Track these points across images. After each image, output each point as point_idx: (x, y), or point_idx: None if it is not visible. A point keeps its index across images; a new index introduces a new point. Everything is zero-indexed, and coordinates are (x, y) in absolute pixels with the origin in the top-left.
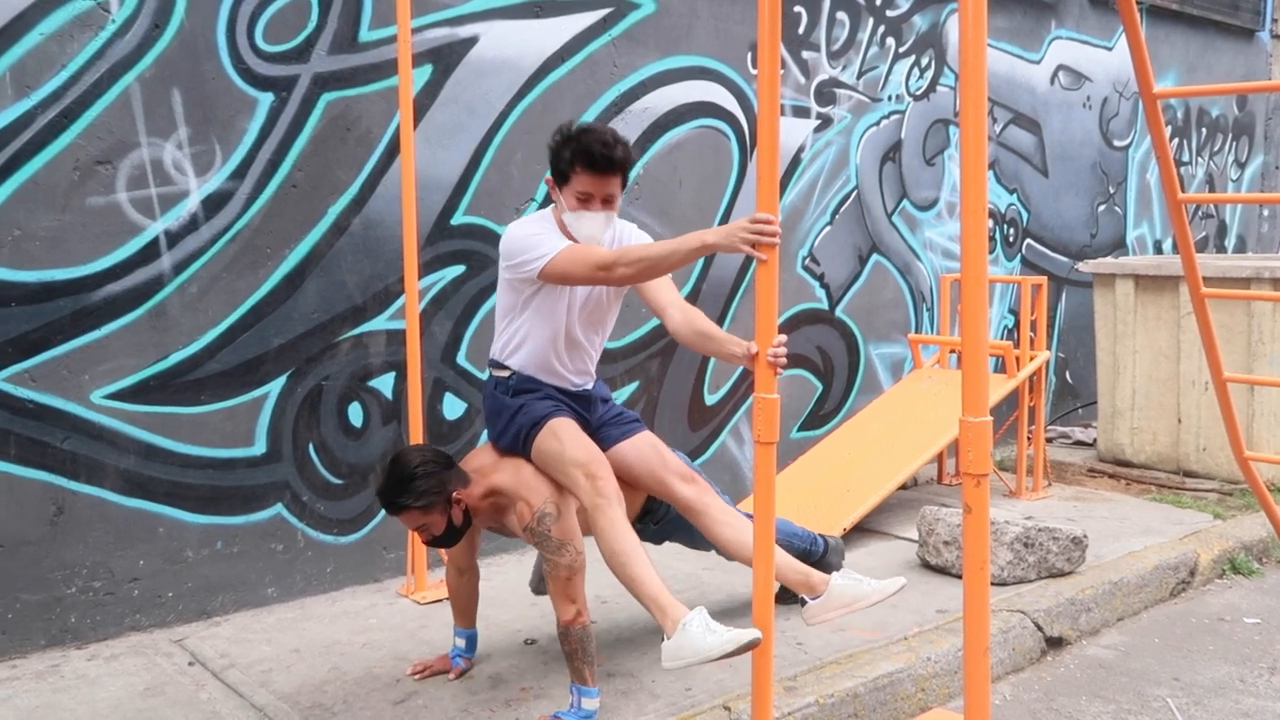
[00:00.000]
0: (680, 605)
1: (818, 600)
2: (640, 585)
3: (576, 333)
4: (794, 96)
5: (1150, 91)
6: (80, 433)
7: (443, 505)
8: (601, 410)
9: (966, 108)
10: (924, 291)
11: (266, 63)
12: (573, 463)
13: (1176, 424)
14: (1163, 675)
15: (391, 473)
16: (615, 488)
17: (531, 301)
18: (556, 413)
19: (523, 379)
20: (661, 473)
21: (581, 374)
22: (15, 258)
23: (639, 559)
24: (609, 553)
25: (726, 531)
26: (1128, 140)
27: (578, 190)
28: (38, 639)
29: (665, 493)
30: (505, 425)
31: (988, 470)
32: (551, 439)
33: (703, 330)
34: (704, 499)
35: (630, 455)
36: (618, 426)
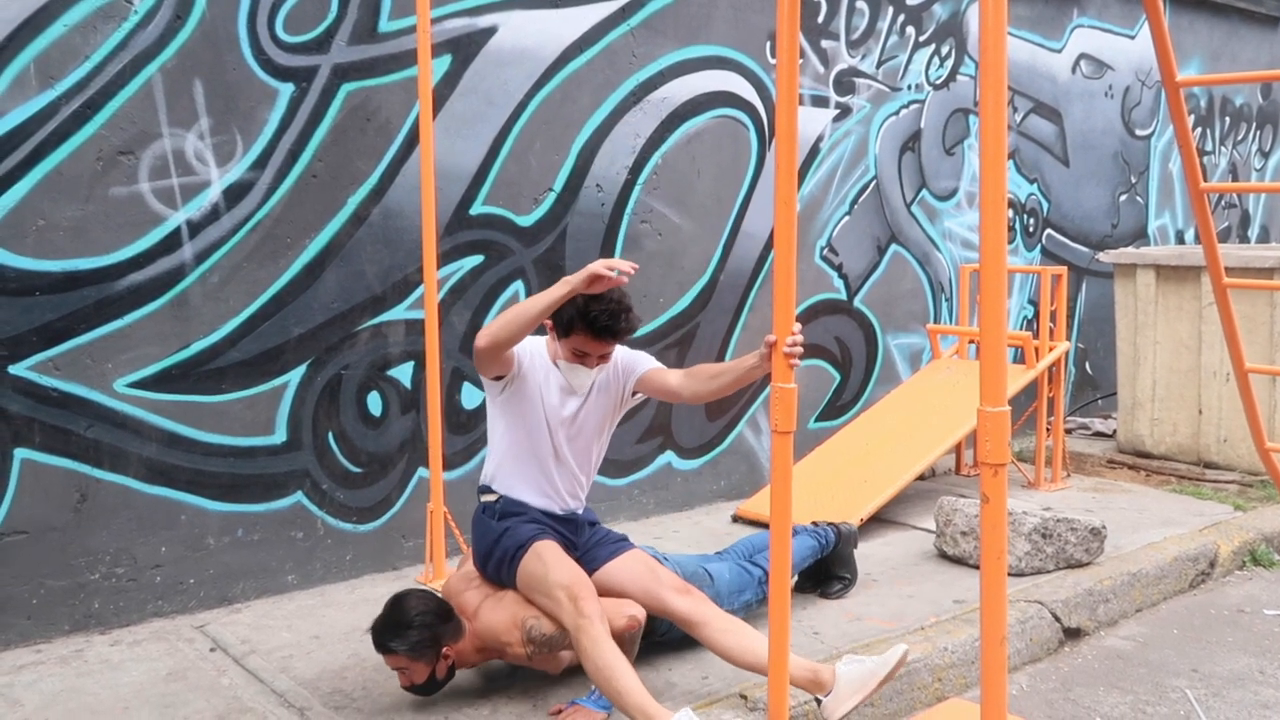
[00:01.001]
0: (665, 712)
1: (830, 696)
2: (625, 698)
3: (560, 447)
4: (813, 86)
5: (1173, 80)
6: (103, 421)
7: (431, 657)
8: (589, 533)
9: (986, 97)
10: (943, 282)
11: (287, 53)
12: (556, 584)
13: (1197, 415)
14: (1181, 666)
15: (389, 614)
16: (598, 608)
17: (506, 409)
18: (541, 535)
19: (509, 502)
20: (655, 588)
21: (570, 496)
22: (39, 247)
23: (623, 672)
24: (593, 669)
25: (729, 639)
26: (1150, 129)
27: (575, 348)
28: (62, 624)
29: (660, 607)
30: (490, 548)
31: (1005, 460)
32: (536, 561)
33: (711, 374)
34: (701, 610)
35: (622, 574)
36: (605, 547)
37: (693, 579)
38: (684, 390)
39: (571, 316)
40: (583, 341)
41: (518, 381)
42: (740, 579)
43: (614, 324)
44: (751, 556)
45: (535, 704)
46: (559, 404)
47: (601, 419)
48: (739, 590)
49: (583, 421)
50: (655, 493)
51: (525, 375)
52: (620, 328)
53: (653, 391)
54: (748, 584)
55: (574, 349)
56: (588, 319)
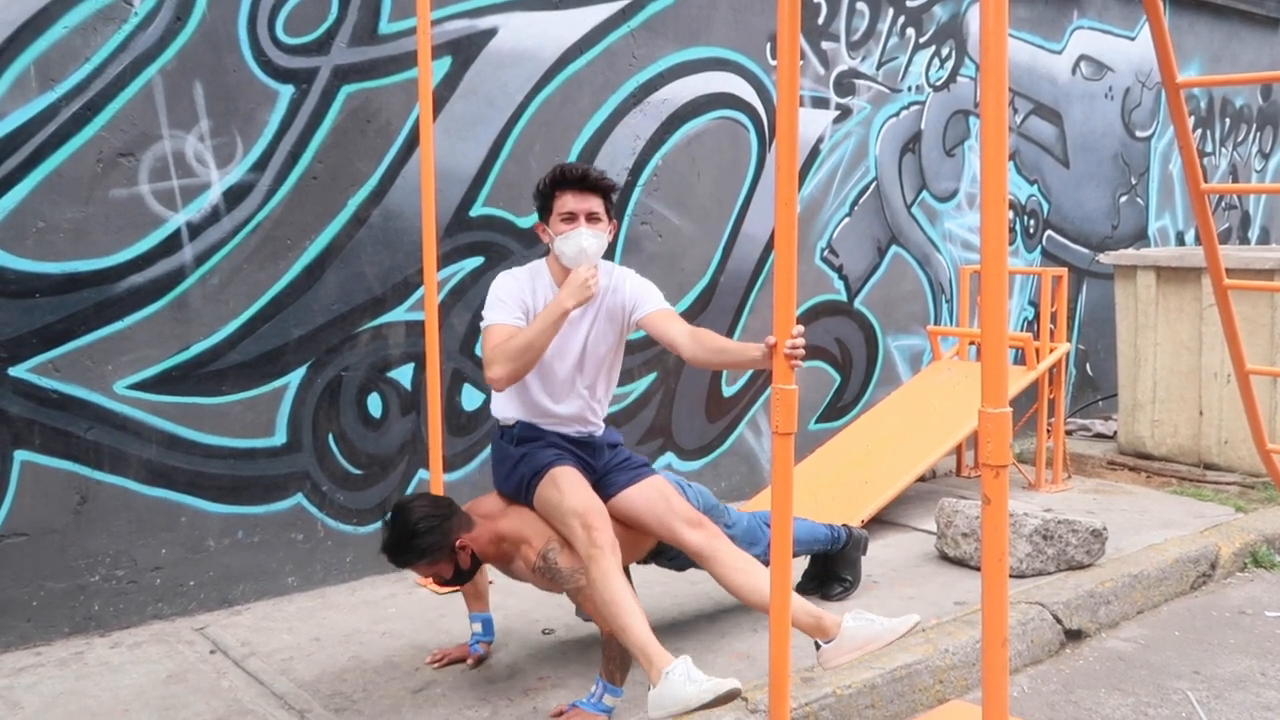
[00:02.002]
0: (666, 654)
1: (831, 644)
2: (629, 634)
3: (577, 386)
4: (813, 87)
5: (1173, 81)
6: (103, 423)
7: (448, 555)
8: (609, 456)
9: (987, 98)
10: (943, 283)
11: (287, 55)
12: (571, 512)
13: (1198, 416)
14: (1183, 668)
15: (393, 529)
16: (611, 538)
17: None
18: (558, 461)
19: (525, 427)
20: (669, 519)
21: (583, 423)
22: (39, 249)
23: (629, 608)
24: (599, 601)
25: (738, 577)
26: (1150, 131)
27: (560, 212)
28: (62, 626)
29: (673, 538)
30: (508, 473)
31: (1007, 462)
32: (551, 488)
33: (716, 347)
34: (713, 544)
35: (637, 501)
36: (625, 472)
37: (712, 511)
38: (684, 349)
39: (548, 189)
40: (564, 201)
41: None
42: (754, 532)
43: (585, 170)
44: (767, 520)
45: (536, 707)
46: (568, 331)
47: (609, 344)
48: (751, 542)
49: (591, 346)
50: None
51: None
52: (592, 174)
53: (655, 333)
54: (760, 539)
55: (560, 215)
56: (561, 176)
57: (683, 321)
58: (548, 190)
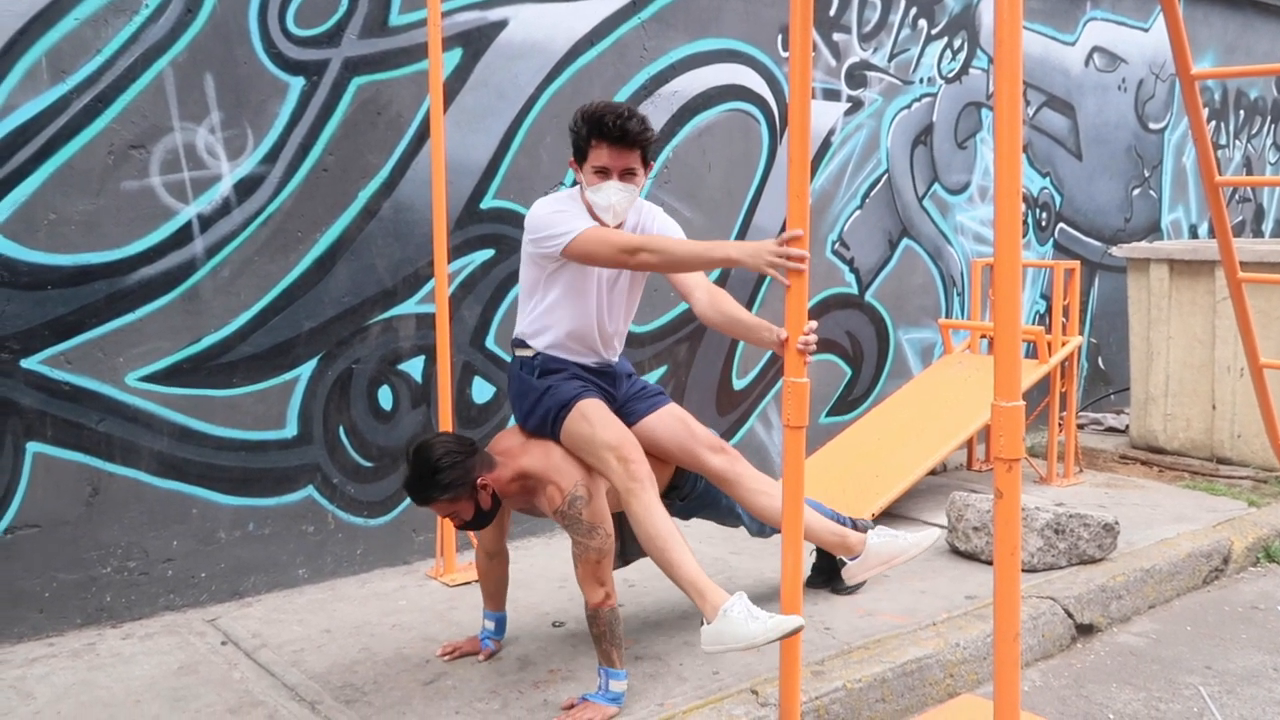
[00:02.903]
0: (720, 590)
1: (856, 560)
2: (678, 569)
3: (604, 315)
4: (825, 79)
5: (1188, 73)
6: (115, 414)
7: (469, 492)
8: (626, 385)
9: (1001, 90)
10: (954, 276)
11: (298, 47)
12: (604, 445)
13: (1211, 410)
14: (1195, 663)
15: (415, 465)
16: (648, 470)
17: (557, 278)
18: (585, 393)
19: (548, 359)
20: (691, 444)
21: (607, 350)
22: (51, 241)
23: (676, 543)
24: (645, 536)
25: (762, 500)
26: (1163, 123)
27: (595, 165)
28: (74, 617)
29: (696, 464)
30: (532, 407)
31: (1019, 455)
32: (581, 421)
33: (730, 314)
34: (736, 468)
35: (658, 429)
36: (643, 400)
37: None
38: (698, 303)
39: (584, 134)
40: (600, 154)
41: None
42: None
43: (625, 124)
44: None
45: (546, 699)
46: (601, 279)
47: (633, 280)
48: None
49: (618, 279)
50: None
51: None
52: (632, 128)
53: (675, 280)
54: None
55: (594, 168)
56: (599, 124)
57: (703, 274)
58: (584, 134)
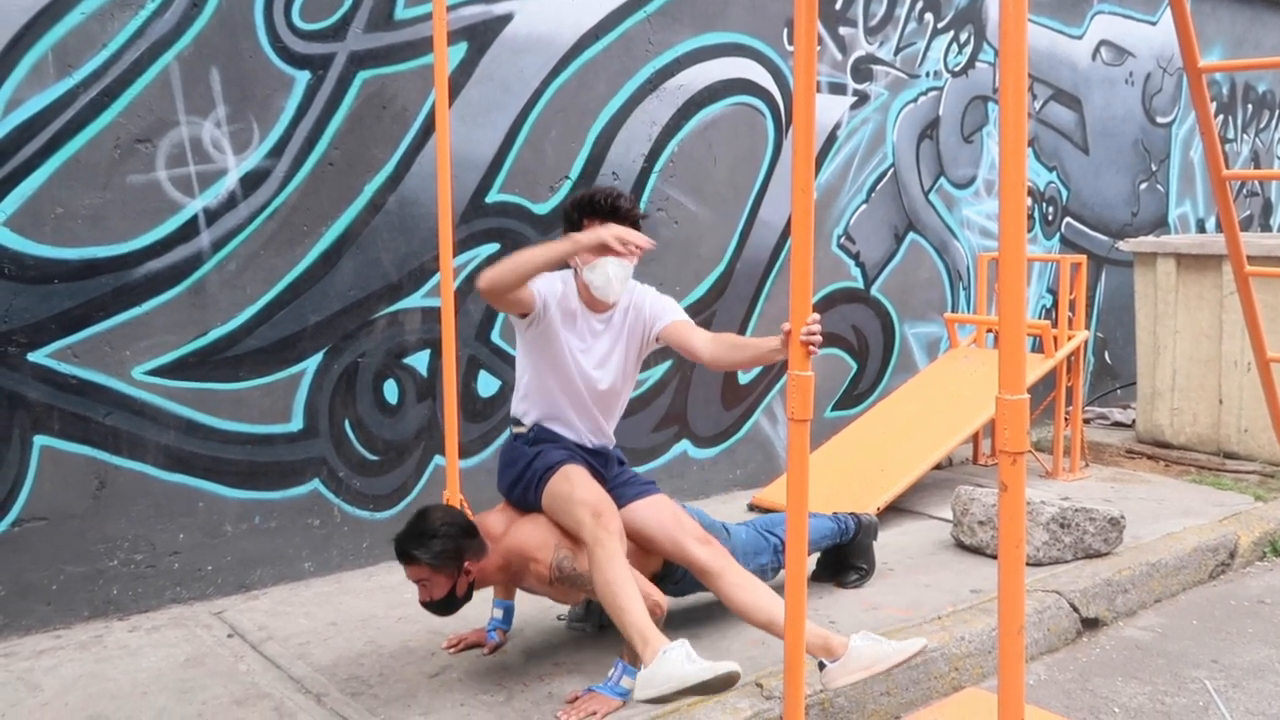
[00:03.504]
0: (661, 637)
1: (837, 663)
2: (626, 615)
3: (587, 385)
4: (830, 73)
5: (1195, 66)
6: (122, 408)
7: (452, 570)
8: (617, 471)
9: (1006, 84)
10: (960, 270)
11: (303, 41)
12: (580, 502)
13: (1218, 405)
14: (1201, 657)
15: (413, 524)
16: (619, 527)
17: (531, 347)
18: (571, 460)
19: (542, 430)
20: (677, 534)
21: (597, 434)
22: (58, 235)
23: (628, 591)
24: (600, 581)
25: (744, 595)
26: (1171, 117)
27: None
28: (81, 610)
29: (681, 554)
30: (520, 473)
31: (1024, 448)
32: (563, 481)
33: (737, 344)
34: (720, 562)
35: (646, 516)
36: (632, 487)
37: (709, 529)
38: (705, 353)
39: (576, 216)
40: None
41: (544, 321)
42: (757, 543)
43: (616, 202)
44: (769, 528)
45: (551, 692)
46: (586, 344)
47: (629, 359)
48: (755, 552)
49: (614, 361)
50: (671, 481)
51: (550, 314)
52: (623, 205)
53: (676, 344)
54: (764, 549)
55: None
56: (591, 204)
57: (701, 330)
58: (575, 216)
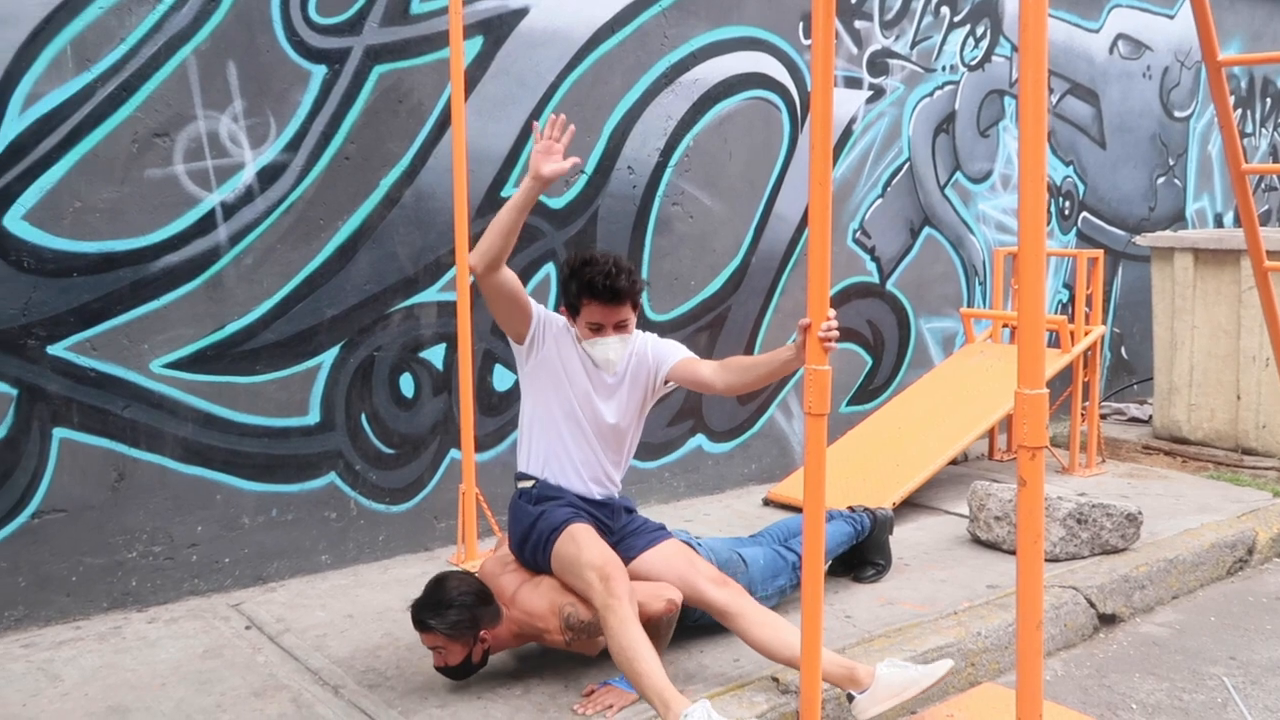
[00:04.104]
0: (683, 699)
1: (866, 694)
2: (644, 679)
3: (590, 431)
4: (846, 67)
5: (1214, 59)
6: (140, 401)
7: (468, 639)
8: (625, 520)
9: (1026, 78)
10: (976, 265)
11: (320, 35)
12: (588, 565)
13: (1235, 401)
14: (1219, 654)
15: (430, 592)
16: (628, 589)
17: (533, 380)
18: (575, 519)
19: (545, 487)
20: (692, 578)
21: (598, 483)
22: (76, 229)
23: (645, 655)
24: (617, 649)
25: (765, 633)
26: (1189, 111)
27: (589, 321)
28: (100, 601)
29: (697, 597)
30: (526, 532)
31: (1043, 443)
32: (570, 543)
33: (747, 365)
34: (738, 602)
35: (658, 563)
36: (642, 536)
37: (727, 566)
38: (717, 382)
39: (574, 291)
40: (592, 312)
41: (541, 352)
42: (774, 564)
43: (614, 282)
44: (786, 541)
45: (568, 684)
46: (589, 390)
47: (633, 407)
48: (773, 575)
49: (619, 411)
50: (686, 475)
51: (546, 343)
52: (622, 285)
53: (685, 382)
54: (782, 569)
55: (588, 323)
56: (589, 286)
57: (707, 361)
58: (574, 289)
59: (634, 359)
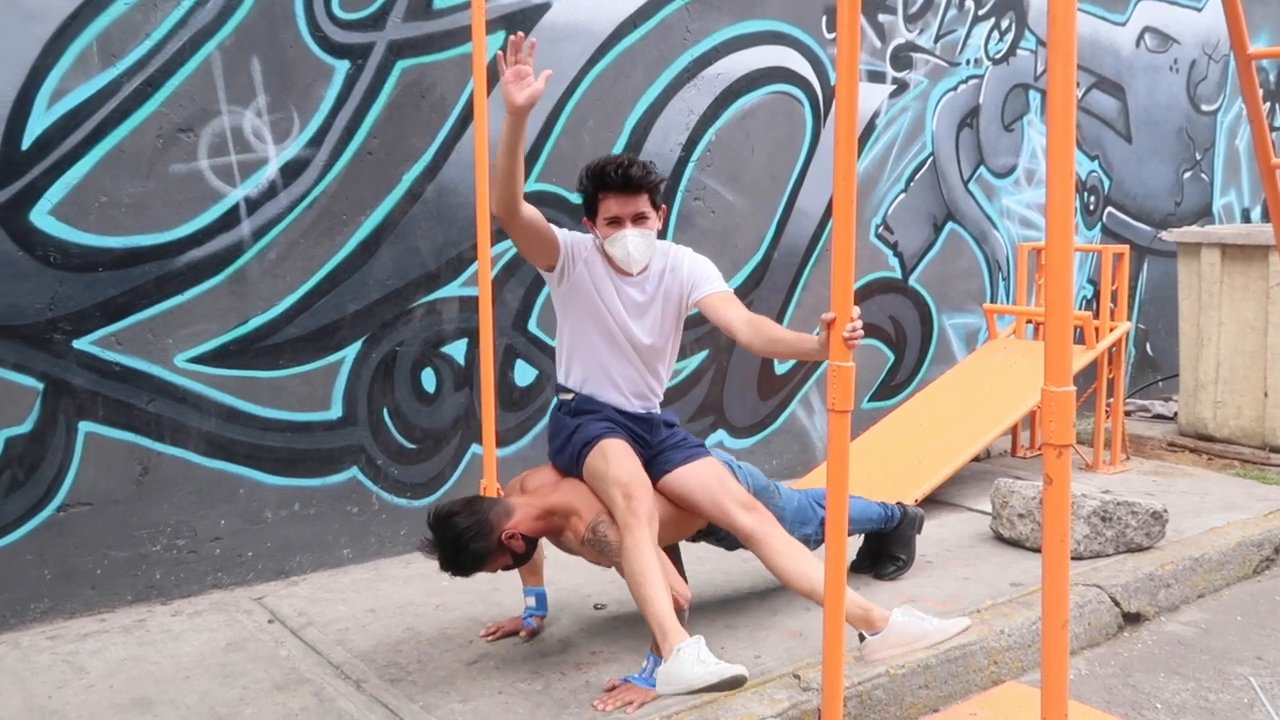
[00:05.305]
0: (681, 631)
1: (877, 636)
2: (649, 605)
3: (625, 345)
4: (869, 61)
5: (1244, 52)
6: (164, 395)
7: (500, 549)
8: (664, 434)
9: (1055, 72)
10: (1000, 260)
11: (343, 30)
12: (614, 481)
13: (1263, 398)
14: (1245, 653)
15: (441, 546)
16: (650, 510)
17: (566, 304)
18: (609, 434)
19: (583, 400)
20: (722, 499)
21: (639, 397)
22: (102, 224)
23: (654, 582)
24: (630, 570)
25: (788, 564)
26: (1216, 104)
27: (605, 216)
28: (125, 594)
29: (725, 519)
30: (563, 444)
31: (1070, 441)
32: (599, 458)
33: (774, 337)
34: (764, 528)
35: (690, 480)
36: (679, 451)
37: (763, 493)
38: (741, 335)
39: (590, 191)
40: (608, 206)
41: (572, 277)
42: (805, 512)
43: (627, 171)
44: (820, 500)
45: (588, 680)
46: (622, 311)
47: (667, 325)
48: (802, 522)
49: (652, 323)
50: None
51: (579, 274)
52: (635, 174)
53: (711, 317)
54: (811, 519)
55: (605, 219)
56: (602, 176)
57: (741, 306)
58: (590, 190)
59: (668, 273)
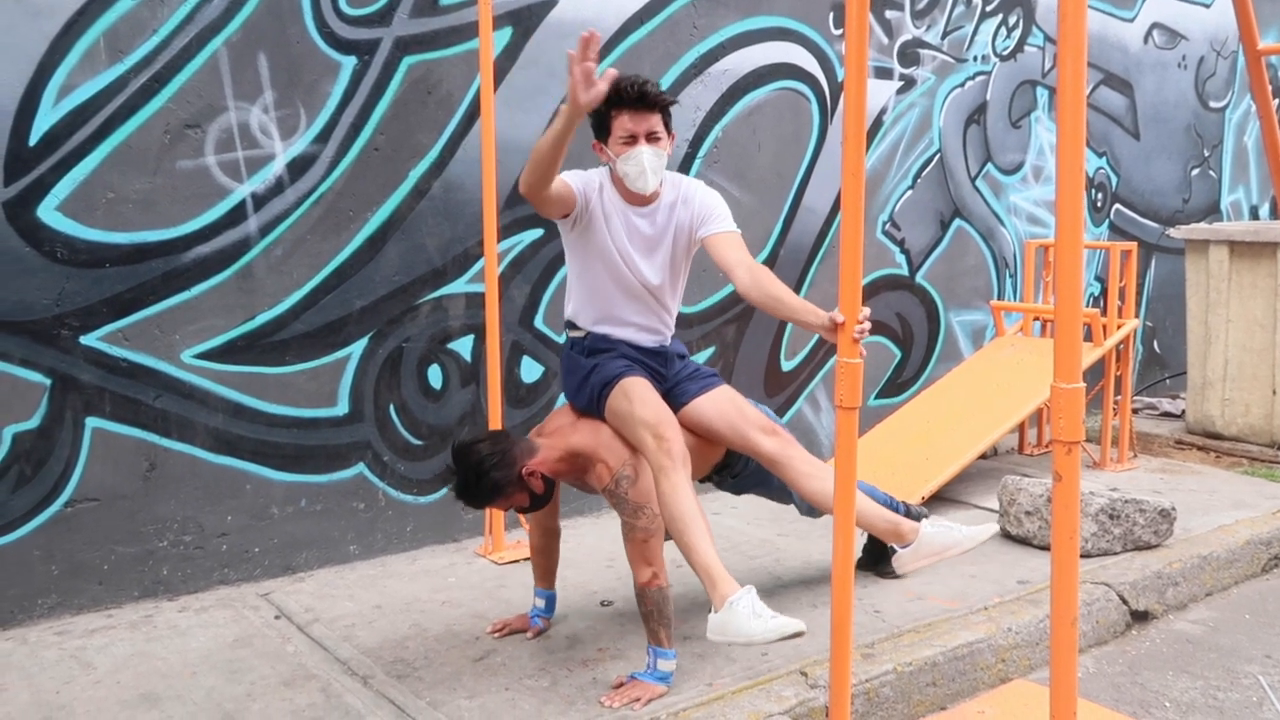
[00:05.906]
0: (731, 580)
1: (908, 548)
2: (694, 553)
3: (631, 277)
4: (877, 57)
5: (1254, 48)
6: (171, 391)
7: (518, 486)
8: (679, 366)
9: (1065, 69)
10: (1007, 257)
11: (349, 26)
12: (641, 422)
13: (1271, 395)
14: (1254, 652)
15: (460, 474)
16: (682, 449)
17: (576, 246)
18: (629, 372)
19: (596, 338)
20: (742, 425)
21: (651, 331)
22: (109, 219)
23: (697, 527)
24: (669, 516)
25: (812, 484)
26: (1225, 101)
27: (619, 134)
28: (132, 590)
29: (746, 445)
30: (580, 385)
31: (1079, 438)
32: (622, 398)
33: (774, 294)
34: (787, 451)
35: (709, 410)
36: (695, 381)
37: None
38: (740, 281)
39: (604, 110)
40: (622, 123)
41: (585, 219)
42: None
43: (642, 88)
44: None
45: (595, 677)
46: (630, 250)
47: (675, 256)
48: None
49: (663, 254)
50: None
51: (592, 212)
52: (650, 90)
53: (715, 256)
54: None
55: (619, 137)
56: (617, 93)
57: (746, 252)
58: (603, 109)
59: (679, 205)
